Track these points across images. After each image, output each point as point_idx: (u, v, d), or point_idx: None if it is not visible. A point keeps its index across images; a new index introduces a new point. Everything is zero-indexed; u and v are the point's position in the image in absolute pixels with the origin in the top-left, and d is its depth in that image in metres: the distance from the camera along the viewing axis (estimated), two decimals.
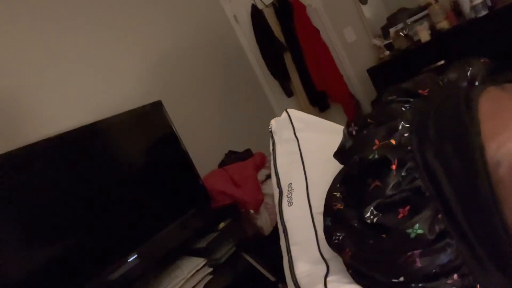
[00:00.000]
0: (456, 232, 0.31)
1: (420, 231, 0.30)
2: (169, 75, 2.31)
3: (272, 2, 2.67)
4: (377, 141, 0.34)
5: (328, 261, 0.46)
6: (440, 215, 0.31)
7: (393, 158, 0.33)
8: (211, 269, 1.62)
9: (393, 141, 0.34)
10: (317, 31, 2.59)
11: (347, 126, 0.40)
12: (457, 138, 0.30)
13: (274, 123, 0.71)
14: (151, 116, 1.79)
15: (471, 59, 0.40)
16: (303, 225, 0.52)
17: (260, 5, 2.75)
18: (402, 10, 2.31)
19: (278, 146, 0.68)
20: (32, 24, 1.75)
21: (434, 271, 0.30)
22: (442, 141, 0.31)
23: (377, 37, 2.40)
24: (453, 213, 0.31)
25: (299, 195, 0.57)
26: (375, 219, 0.32)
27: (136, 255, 1.49)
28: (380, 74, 2.25)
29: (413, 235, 0.30)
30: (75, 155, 1.46)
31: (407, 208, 0.31)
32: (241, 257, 1.75)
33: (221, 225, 1.76)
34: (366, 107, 2.65)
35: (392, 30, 2.28)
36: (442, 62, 1.96)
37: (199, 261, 1.60)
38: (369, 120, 0.37)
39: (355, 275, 0.39)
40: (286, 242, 0.53)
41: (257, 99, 2.97)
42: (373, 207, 0.32)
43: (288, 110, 0.73)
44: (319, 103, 2.80)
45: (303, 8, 2.57)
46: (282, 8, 2.63)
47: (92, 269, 1.36)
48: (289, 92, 2.93)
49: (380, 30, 2.42)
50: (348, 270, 0.41)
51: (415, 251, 0.30)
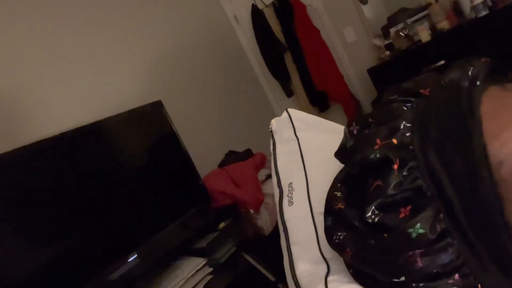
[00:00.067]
0: (458, 232, 0.31)
1: (421, 231, 0.30)
2: (169, 75, 2.31)
3: (272, 2, 2.67)
4: (378, 141, 0.34)
5: (328, 261, 0.46)
6: (441, 215, 0.31)
7: (394, 157, 0.32)
8: (211, 269, 1.62)
9: (394, 141, 0.34)
10: (317, 31, 2.59)
11: (348, 125, 0.40)
12: (459, 137, 0.30)
13: (274, 123, 0.71)
14: (151, 116, 1.79)
15: (472, 58, 0.40)
16: (303, 225, 0.52)
17: (260, 5, 2.75)
18: (402, 10, 2.31)
19: (278, 145, 0.68)
20: (32, 24, 1.75)
21: (435, 271, 0.30)
22: (444, 141, 0.31)
23: (377, 37, 2.40)
24: (454, 213, 0.31)
25: (299, 195, 0.57)
26: (376, 219, 0.32)
27: (136, 255, 1.49)
28: (380, 74, 2.25)
29: (414, 235, 0.30)
30: (75, 155, 1.45)
31: (409, 207, 0.31)
32: (241, 257, 1.75)
33: (221, 225, 1.76)
34: (367, 107, 2.65)
35: (392, 30, 2.28)
36: (442, 62, 1.96)
37: (199, 261, 1.60)
38: (370, 119, 0.37)
39: (356, 275, 0.39)
40: (286, 242, 0.53)
41: (257, 99, 2.97)
42: (375, 207, 0.32)
43: (289, 110, 0.72)
44: (319, 103, 2.80)
45: (303, 8, 2.57)
46: (283, 8, 2.63)
47: (92, 269, 1.36)
48: (289, 92, 2.93)
49: (380, 30, 2.42)
50: (348, 270, 0.41)
51: (416, 251, 0.30)
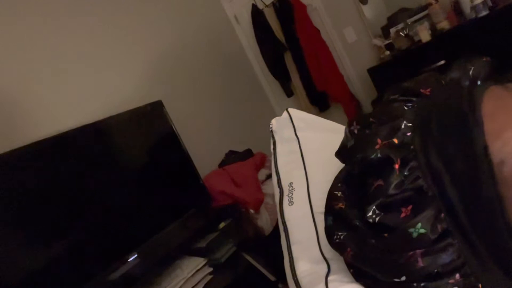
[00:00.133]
0: (459, 231, 0.31)
1: (422, 231, 0.30)
2: (169, 75, 2.31)
3: (273, 2, 2.67)
4: (379, 140, 0.34)
5: (329, 261, 0.45)
6: (442, 215, 0.31)
7: (395, 157, 0.32)
8: (211, 269, 1.62)
9: (395, 141, 0.34)
10: (318, 31, 2.58)
11: (349, 125, 0.39)
12: (460, 137, 0.30)
13: (274, 123, 0.71)
14: (151, 116, 1.79)
15: (472, 58, 0.40)
16: (304, 225, 0.52)
17: (260, 5, 2.75)
18: (403, 10, 2.31)
19: (278, 145, 0.68)
20: (32, 24, 1.75)
21: (436, 270, 0.30)
22: (445, 140, 0.31)
23: (378, 37, 2.39)
24: (455, 213, 0.30)
25: (300, 195, 0.57)
26: (377, 218, 0.32)
27: (136, 255, 1.49)
28: (380, 74, 2.25)
29: (415, 235, 0.30)
30: (75, 155, 1.45)
31: (410, 207, 0.31)
32: (241, 257, 1.75)
33: (221, 225, 1.76)
34: (367, 107, 2.65)
35: (392, 30, 2.28)
36: (442, 62, 1.96)
37: (199, 261, 1.60)
38: (371, 119, 0.37)
39: (356, 274, 0.39)
40: (287, 242, 0.53)
41: (257, 99, 2.97)
42: (375, 206, 0.32)
43: (289, 109, 0.72)
44: (319, 103, 2.80)
45: (303, 8, 2.56)
46: (283, 8, 2.63)
47: (92, 269, 1.36)
48: (289, 92, 2.93)
49: (380, 30, 2.42)
50: (349, 270, 0.41)
51: (417, 251, 0.30)
